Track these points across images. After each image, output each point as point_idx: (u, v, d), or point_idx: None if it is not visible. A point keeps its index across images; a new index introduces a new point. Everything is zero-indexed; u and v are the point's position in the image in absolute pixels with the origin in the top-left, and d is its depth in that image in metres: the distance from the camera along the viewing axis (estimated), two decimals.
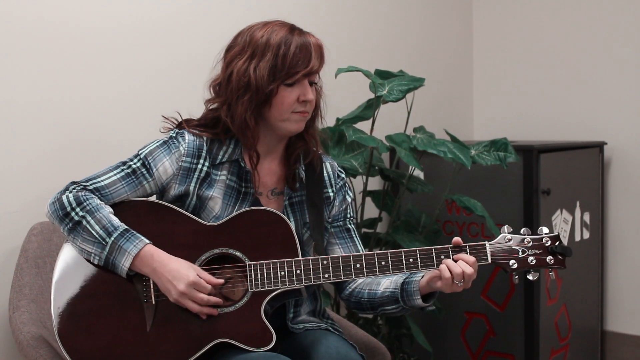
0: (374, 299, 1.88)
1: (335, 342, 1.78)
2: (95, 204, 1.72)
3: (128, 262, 1.68)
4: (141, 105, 2.44)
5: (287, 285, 1.73)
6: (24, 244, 2.06)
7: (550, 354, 3.07)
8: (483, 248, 1.78)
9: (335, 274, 1.75)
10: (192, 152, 1.80)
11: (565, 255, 1.80)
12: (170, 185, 1.80)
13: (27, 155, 2.17)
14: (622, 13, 3.43)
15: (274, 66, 1.74)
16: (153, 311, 1.71)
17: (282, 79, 1.75)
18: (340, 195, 1.95)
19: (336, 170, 1.98)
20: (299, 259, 1.75)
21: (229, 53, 1.82)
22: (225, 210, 1.81)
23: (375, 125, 2.66)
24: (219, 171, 1.83)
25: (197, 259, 1.74)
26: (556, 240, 1.81)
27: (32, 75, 2.17)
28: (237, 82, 1.76)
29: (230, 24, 2.68)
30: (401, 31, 3.44)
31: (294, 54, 1.75)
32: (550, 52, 3.63)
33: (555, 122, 3.62)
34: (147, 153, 1.80)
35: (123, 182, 1.77)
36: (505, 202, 3.00)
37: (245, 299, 1.72)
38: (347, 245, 1.95)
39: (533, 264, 1.79)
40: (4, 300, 2.06)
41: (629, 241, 3.47)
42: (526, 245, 1.80)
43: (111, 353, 1.68)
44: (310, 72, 1.78)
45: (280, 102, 1.77)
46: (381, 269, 1.76)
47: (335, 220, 1.95)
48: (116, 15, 2.36)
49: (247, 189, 1.83)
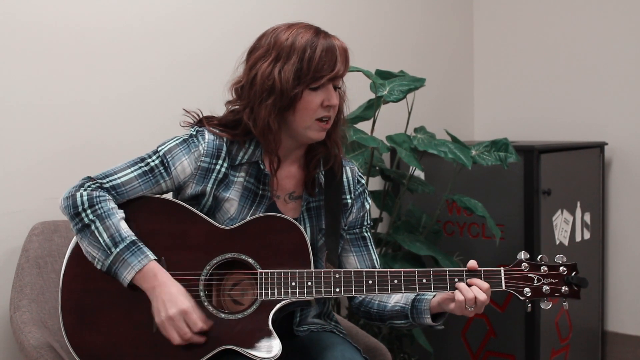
0: (384, 312, 1.87)
1: (340, 346, 1.77)
2: (107, 209, 1.69)
3: (130, 275, 1.66)
4: (143, 106, 2.44)
5: (297, 296, 1.71)
6: (25, 243, 2.06)
7: (550, 354, 3.06)
8: (498, 274, 1.75)
9: (346, 289, 1.73)
10: (212, 152, 1.77)
11: (581, 286, 1.76)
12: (187, 184, 1.77)
13: (28, 156, 2.17)
14: (622, 13, 3.43)
15: (299, 69, 1.70)
16: None
17: (308, 83, 1.71)
18: (358, 202, 1.92)
19: (356, 175, 1.94)
20: (311, 271, 1.72)
21: (253, 55, 1.77)
22: (240, 212, 1.79)
23: (376, 126, 2.66)
24: (237, 172, 1.80)
25: (208, 261, 1.72)
26: (573, 271, 1.76)
27: (34, 76, 2.17)
28: (261, 85, 1.72)
29: (232, 24, 2.69)
30: (402, 31, 3.44)
31: (320, 58, 1.71)
32: (551, 53, 3.63)
33: (556, 122, 3.62)
34: (166, 151, 1.76)
35: (140, 180, 1.74)
36: (506, 203, 3.00)
37: (254, 307, 1.70)
38: (361, 254, 1.92)
39: (547, 293, 1.75)
40: (5, 300, 2.06)
41: (630, 241, 3.47)
42: (542, 273, 1.76)
43: (116, 351, 1.68)
44: (336, 77, 1.75)
45: (305, 107, 1.73)
46: (393, 287, 1.73)
47: (352, 228, 1.92)
48: (119, 16, 2.36)
49: (265, 192, 1.81)
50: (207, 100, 1.91)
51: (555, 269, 1.76)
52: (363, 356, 1.79)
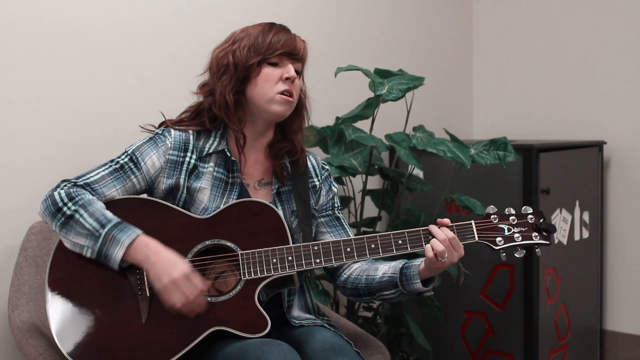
0: (372, 284, 1.91)
1: (330, 337, 1.79)
2: (87, 199, 1.74)
3: (121, 252, 1.68)
4: (140, 104, 2.43)
5: (280, 271, 1.76)
6: (24, 242, 2.06)
7: (549, 353, 3.07)
8: (469, 227, 1.83)
9: (326, 259, 1.79)
10: (179, 146, 1.84)
11: (550, 231, 1.84)
12: (159, 179, 1.83)
13: (26, 154, 2.17)
14: (621, 13, 3.43)
15: (252, 44, 1.82)
16: (148, 303, 1.72)
17: (264, 54, 1.81)
18: (326, 185, 2.01)
19: (320, 162, 2.03)
20: (290, 246, 1.78)
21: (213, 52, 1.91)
22: (213, 201, 1.83)
23: (375, 124, 2.66)
24: (206, 163, 1.86)
25: (189, 251, 1.76)
26: (540, 217, 1.85)
27: (32, 73, 2.17)
28: (217, 66, 1.85)
29: (229, 23, 2.69)
30: (401, 30, 3.44)
31: (274, 34, 1.83)
32: (550, 51, 3.63)
33: (555, 121, 3.62)
34: (134, 149, 1.84)
35: (112, 177, 1.79)
36: (505, 201, 2.97)
37: (238, 287, 1.74)
38: (338, 233, 1.99)
39: (519, 240, 1.83)
40: (3, 298, 2.06)
41: (629, 240, 3.47)
42: (511, 222, 1.85)
43: (108, 346, 1.69)
44: (293, 53, 1.84)
45: (264, 79, 1.82)
46: (371, 252, 1.80)
47: (324, 210, 1.99)
48: (116, 14, 2.36)
49: (235, 180, 1.87)
50: None
51: (523, 217, 1.86)
52: (354, 349, 1.81)
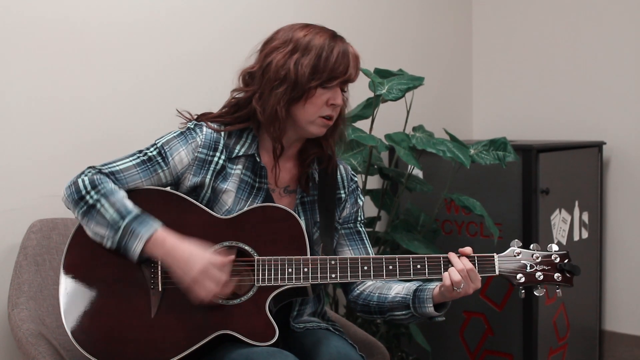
0: (384, 303, 1.88)
1: (335, 342, 1.78)
2: (109, 188, 1.73)
3: (140, 246, 1.68)
4: (143, 104, 2.44)
5: (294, 282, 1.73)
6: (24, 241, 2.06)
7: (548, 354, 3.07)
8: (491, 260, 1.79)
9: (342, 275, 1.75)
10: (209, 144, 1.81)
11: (574, 273, 1.78)
12: (185, 175, 1.81)
13: (26, 153, 2.17)
14: (621, 13, 3.43)
15: (316, 66, 1.76)
16: (159, 298, 1.72)
17: (323, 80, 1.76)
18: (352, 197, 1.96)
19: (350, 173, 1.99)
20: (307, 257, 1.75)
21: (268, 45, 1.82)
22: (237, 204, 1.82)
23: (375, 124, 2.66)
24: (234, 165, 1.84)
25: None
26: (565, 258, 1.79)
27: (33, 72, 2.17)
28: (275, 73, 1.76)
29: (232, 22, 2.69)
30: (401, 30, 3.44)
31: (336, 59, 1.77)
32: (550, 52, 3.63)
33: (554, 121, 3.62)
34: (164, 142, 1.81)
35: (138, 169, 1.78)
36: (504, 202, 3.01)
37: (251, 293, 1.73)
38: (357, 248, 1.96)
39: (540, 279, 1.77)
40: (3, 297, 2.06)
41: (628, 241, 3.47)
42: (534, 260, 1.79)
43: (113, 336, 1.69)
44: (348, 80, 1.81)
45: (314, 102, 1.78)
46: (388, 273, 1.76)
47: (346, 222, 1.96)
48: (120, 13, 2.36)
49: (261, 184, 1.84)
50: (207, 97, 1.92)
51: (547, 256, 1.80)
52: (359, 353, 1.80)
